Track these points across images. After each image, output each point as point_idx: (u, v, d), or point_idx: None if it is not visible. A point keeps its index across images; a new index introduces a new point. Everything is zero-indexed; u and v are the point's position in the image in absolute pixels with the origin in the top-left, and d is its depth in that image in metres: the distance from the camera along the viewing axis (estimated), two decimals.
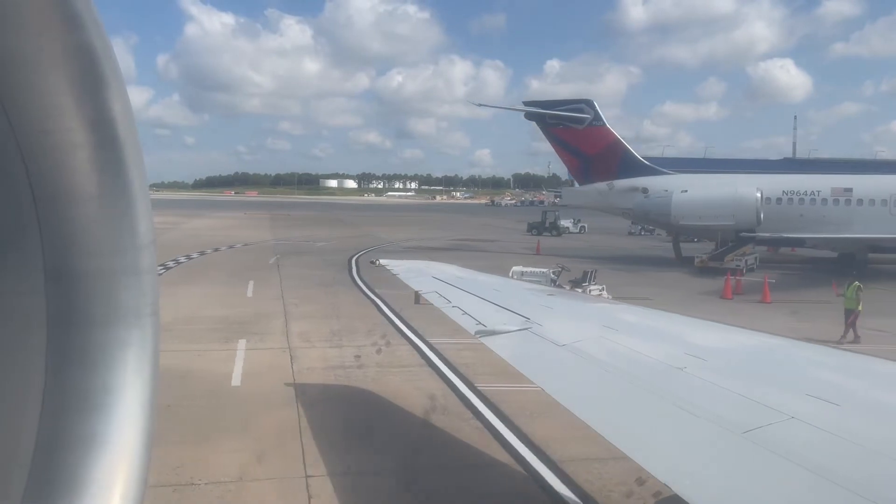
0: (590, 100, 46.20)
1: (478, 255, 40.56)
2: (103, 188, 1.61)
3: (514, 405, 12.17)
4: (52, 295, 1.67)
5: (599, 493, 8.82)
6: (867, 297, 28.34)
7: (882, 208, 36.76)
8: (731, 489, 3.48)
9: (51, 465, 1.65)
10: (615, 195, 44.08)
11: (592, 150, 44.90)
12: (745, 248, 36.58)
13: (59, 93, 1.48)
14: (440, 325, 19.50)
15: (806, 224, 37.72)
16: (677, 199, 40.28)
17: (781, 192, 39.58)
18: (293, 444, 10.37)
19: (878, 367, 5.17)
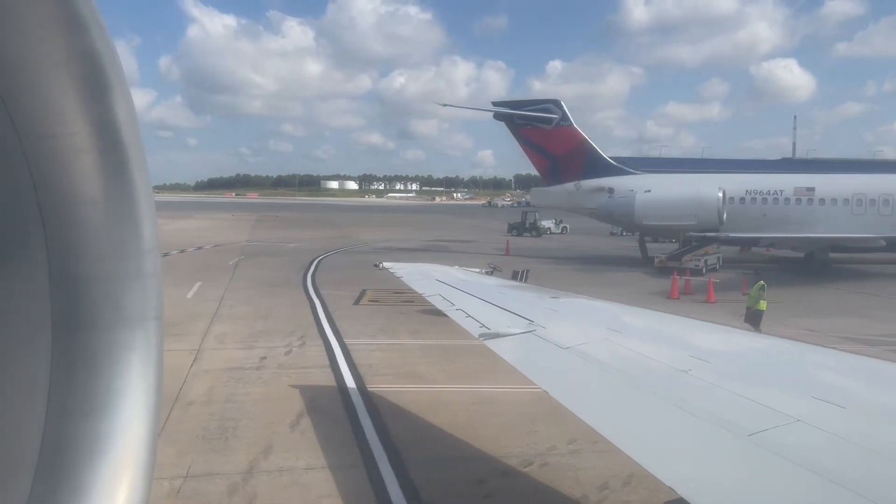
0: (557, 100, 46.24)
1: (445, 256, 40.59)
2: (108, 192, 1.61)
3: (394, 406, 12.27)
4: (56, 298, 1.67)
5: (448, 495, 8.86)
6: (819, 295, 28.34)
7: (844, 208, 36.81)
8: (737, 492, 3.46)
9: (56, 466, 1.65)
10: (582, 195, 44.18)
11: (560, 151, 45.01)
12: (708, 248, 36.62)
13: (64, 97, 1.48)
14: (366, 326, 19.88)
15: (769, 224, 37.83)
16: (640, 199, 40.34)
17: (745, 192, 39.63)
18: None
19: (884, 370, 5.15)
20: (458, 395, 13.25)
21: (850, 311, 24.64)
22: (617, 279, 32.31)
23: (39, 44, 1.40)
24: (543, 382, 5.53)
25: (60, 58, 1.44)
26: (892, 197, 35.61)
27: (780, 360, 5.75)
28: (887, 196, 35.78)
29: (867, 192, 36.46)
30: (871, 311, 24.44)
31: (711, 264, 36.06)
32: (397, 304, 23.79)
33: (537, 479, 9.30)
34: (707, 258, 35.85)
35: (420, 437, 10.76)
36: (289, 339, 17.70)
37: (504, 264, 29.07)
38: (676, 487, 3.37)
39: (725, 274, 34.66)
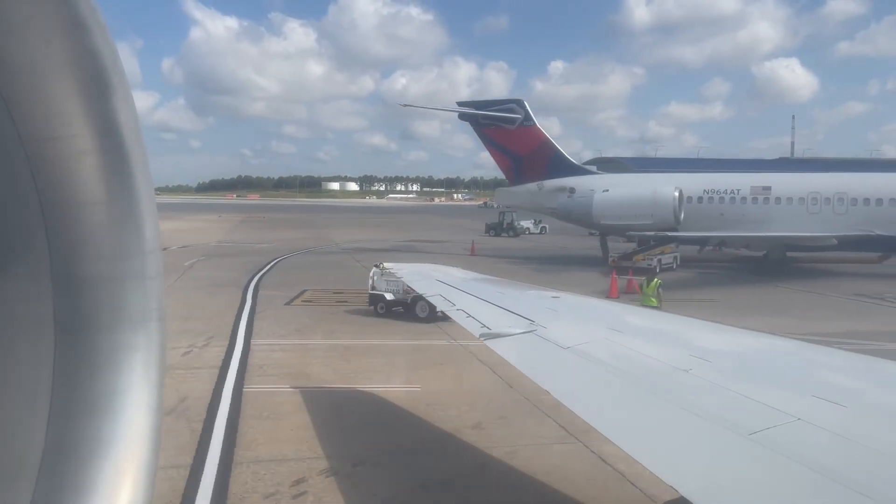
0: (520, 99, 46.26)
1: (410, 256, 40.83)
2: (110, 194, 1.62)
3: (259, 406, 12.22)
4: (59, 300, 1.68)
5: (259, 496, 8.80)
6: (763, 294, 28.27)
7: (799, 206, 36.79)
8: (737, 491, 3.46)
9: (59, 466, 1.65)
10: (544, 195, 44.13)
11: (523, 151, 45.05)
12: (665, 247, 36.60)
13: (66, 99, 1.48)
14: (282, 327, 19.85)
15: (726, 223, 37.80)
16: (598, 199, 40.33)
17: (703, 191, 39.63)
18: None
19: (884, 368, 5.15)
20: (332, 396, 13.21)
21: (784, 310, 24.46)
22: (570, 279, 32.15)
23: (41, 46, 1.41)
24: (544, 382, 5.53)
25: (62, 60, 1.45)
26: (847, 196, 35.57)
27: (780, 359, 5.75)
28: (842, 195, 35.75)
29: (822, 191, 36.42)
30: (808, 311, 24.23)
31: (667, 263, 35.91)
32: (331, 304, 23.83)
33: (352, 480, 9.23)
34: (662, 257, 35.71)
35: (267, 439, 10.65)
36: (196, 340, 17.48)
37: (468, 266, 28.60)
38: (678, 486, 3.38)
39: (682, 273, 34.70)
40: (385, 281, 21.71)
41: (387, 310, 21.47)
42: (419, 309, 20.51)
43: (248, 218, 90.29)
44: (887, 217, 34.14)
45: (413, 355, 16.69)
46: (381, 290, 21.68)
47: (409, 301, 20.85)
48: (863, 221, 34.54)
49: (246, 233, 62.71)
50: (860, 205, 35.23)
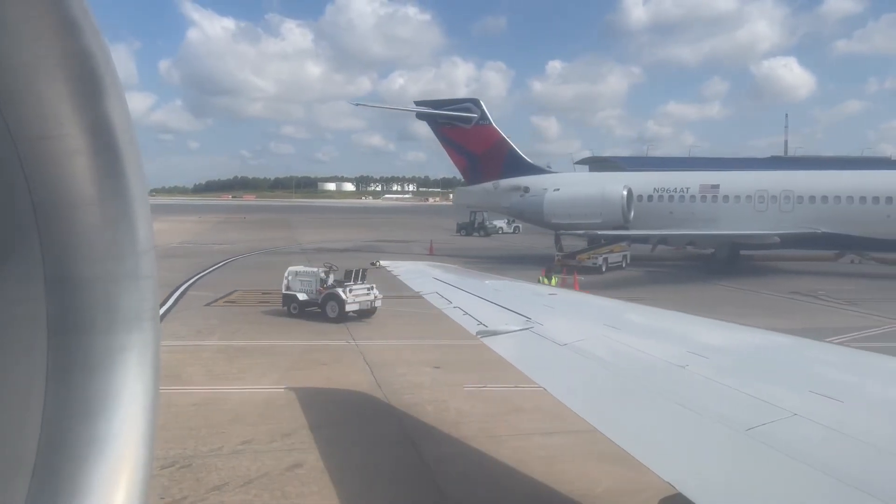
0: (476, 99, 46.47)
1: (364, 255, 40.34)
2: (103, 194, 1.61)
3: None
4: (52, 301, 1.67)
5: None
6: (696, 293, 28.34)
7: (747, 205, 36.84)
8: (734, 487, 3.47)
9: (54, 468, 1.65)
10: (499, 194, 44.24)
11: (480, 150, 45.16)
12: (615, 246, 36.61)
13: (58, 99, 1.48)
14: (189, 327, 19.67)
15: (676, 221, 37.90)
16: (549, 197, 40.43)
17: (653, 190, 39.69)
18: None
19: (880, 364, 5.17)
20: (187, 397, 13.10)
21: (711, 308, 23.97)
22: (515, 277, 31.81)
23: (33, 45, 1.41)
24: (541, 379, 5.54)
25: (54, 59, 1.44)
26: (794, 194, 35.63)
27: (776, 355, 5.76)
28: (788, 193, 35.83)
29: (769, 189, 36.53)
30: (735, 309, 23.93)
31: (615, 262, 35.81)
32: (253, 305, 23.72)
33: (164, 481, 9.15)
34: (609, 256, 35.61)
35: None
36: None
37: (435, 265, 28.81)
38: (674, 483, 3.38)
39: (629, 272, 34.71)
40: (299, 281, 21.66)
41: (300, 310, 21.25)
42: (329, 309, 20.50)
43: (228, 219, 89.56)
44: (832, 215, 34.22)
45: (300, 356, 16.70)
46: (295, 290, 21.51)
47: (319, 301, 20.80)
48: (809, 219, 34.66)
49: (215, 234, 62.02)
50: (806, 203, 35.31)
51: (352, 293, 20.62)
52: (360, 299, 20.73)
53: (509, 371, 14.45)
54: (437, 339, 18.10)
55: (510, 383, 13.49)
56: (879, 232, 33.30)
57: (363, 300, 20.84)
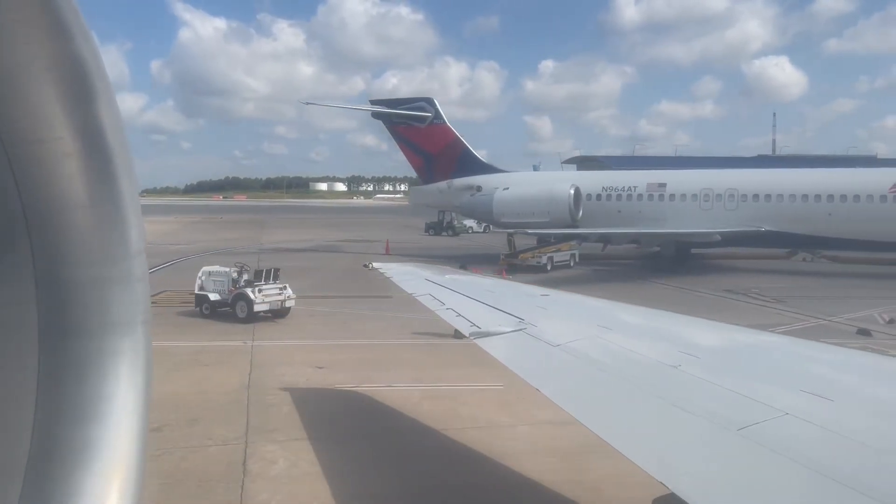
0: (430, 98, 46.36)
1: (317, 256, 41.55)
2: (94, 197, 1.60)
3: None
4: (43, 304, 1.66)
5: None
6: (629, 291, 28.26)
7: (692, 203, 37.00)
8: (727, 486, 3.48)
9: (46, 471, 1.64)
10: (453, 193, 44.19)
11: (434, 149, 45.16)
12: (563, 245, 36.67)
13: (49, 102, 1.47)
14: None
15: (624, 220, 38.04)
16: (498, 197, 40.45)
17: (602, 189, 39.77)
18: None
19: (869, 362, 5.20)
20: None
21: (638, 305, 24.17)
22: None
23: (23, 49, 1.40)
24: (534, 380, 5.55)
25: (45, 63, 1.44)
26: (738, 192, 35.72)
27: (768, 355, 5.79)
28: (733, 191, 35.92)
29: (714, 188, 36.64)
30: (662, 307, 23.66)
31: (562, 261, 35.74)
32: (174, 305, 23.45)
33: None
34: (555, 255, 35.55)
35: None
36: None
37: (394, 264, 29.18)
38: (667, 482, 3.39)
39: (575, 271, 34.70)
40: (212, 281, 21.54)
41: (212, 310, 21.10)
42: (238, 309, 20.41)
43: (204, 220, 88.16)
44: (775, 213, 34.40)
45: (188, 356, 16.55)
46: (208, 290, 21.38)
47: (230, 301, 20.70)
48: (752, 217, 34.78)
49: (181, 235, 61.06)
50: (750, 201, 35.42)
51: (261, 293, 20.54)
52: (269, 299, 20.66)
53: (393, 372, 14.89)
54: (343, 339, 18.35)
55: (383, 383, 13.79)
56: (821, 230, 33.52)
57: (273, 300, 20.75)
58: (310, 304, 22.81)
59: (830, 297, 26.46)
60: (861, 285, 29.90)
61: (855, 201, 33.20)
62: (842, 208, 33.25)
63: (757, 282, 31.00)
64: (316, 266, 35.80)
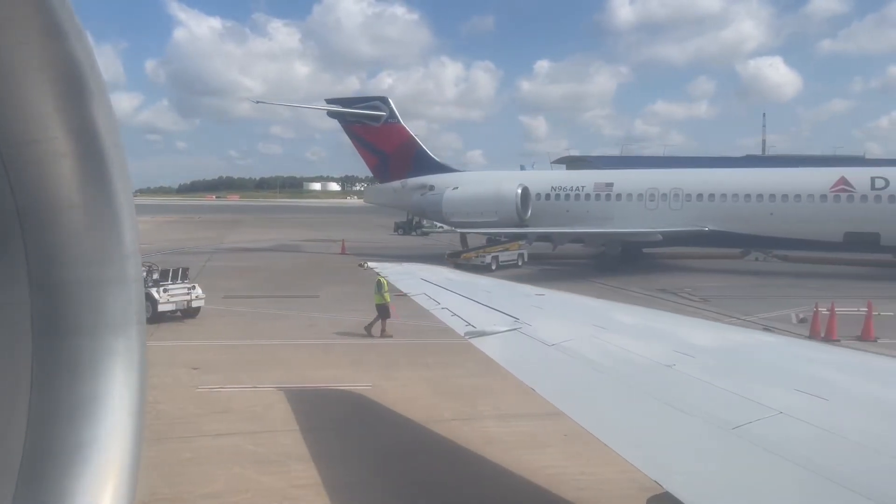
0: (385, 97, 46.35)
1: (277, 255, 41.56)
2: (88, 197, 1.60)
3: None
4: (37, 305, 1.66)
5: None
6: (574, 289, 27.75)
7: (638, 203, 37.13)
8: (721, 485, 3.49)
9: (40, 472, 1.64)
10: (407, 192, 44.17)
11: (389, 148, 45.19)
12: (510, 244, 36.73)
13: (42, 102, 1.47)
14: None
15: (572, 219, 38.11)
16: (448, 196, 40.53)
17: (550, 189, 39.89)
18: None
19: (864, 362, 5.22)
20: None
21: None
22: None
23: (17, 50, 1.39)
24: (529, 379, 5.55)
25: (39, 63, 1.43)
26: (682, 191, 35.85)
27: (763, 354, 5.80)
28: (678, 191, 36.05)
29: (660, 188, 36.77)
30: None
31: (509, 261, 35.64)
32: None
33: None
34: (501, 254, 35.48)
35: None
36: None
37: (336, 264, 31.42)
38: (662, 481, 3.40)
39: (522, 270, 34.56)
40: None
41: None
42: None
43: (180, 219, 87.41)
44: (718, 212, 34.49)
45: None
46: None
47: None
48: (696, 217, 34.88)
49: (147, 235, 59.32)
50: (694, 200, 35.51)
51: (167, 293, 20.47)
52: (175, 299, 20.58)
53: (267, 372, 14.71)
54: (240, 339, 18.24)
55: (249, 384, 13.65)
56: (764, 229, 33.61)
57: (180, 300, 20.69)
58: (231, 304, 22.77)
59: (759, 296, 26.47)
60: (798, 284, 29.93)
61: (796, 201, 33.30)
62: (783, 208, 33.38)
63: (696, 281, 31.03)
64: (261, 266, 35.84)
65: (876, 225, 31.50)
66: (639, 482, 5.57)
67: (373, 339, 18.63)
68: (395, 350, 17.32)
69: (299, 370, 15.05)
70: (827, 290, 26.42)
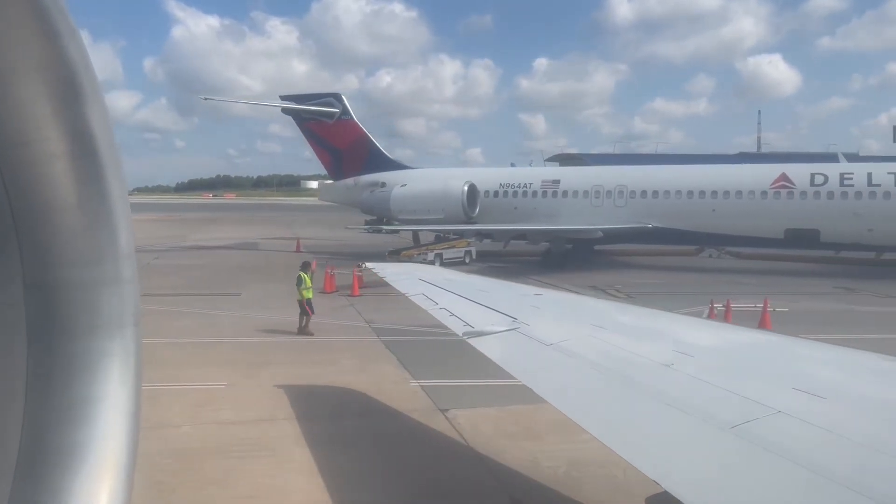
0: (338, 93, 46.11)
1: (227, 253, 41.42)
2: (82, 198, 1.60)
3: None
4: (32, 306, 1.65)
5: None
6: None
7: (584, 200, 37.10)
8: (720, 484, 3.50)
9: (35, 474, 1.63)
10: (359, 190, 43.99)
11: (342, 145, 45.06)
12: (457, 241, 36.58)
13: (36, 103, 1.47)
14: None
15: (520, 216, 38.04)
16: (395, 193, 40.35)
17: (499, 186, 39.82)
18: None
19: (863, 361, 5.22)
20: None
21: None
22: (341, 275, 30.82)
23: (10, 50, 1.39)
24: (527, 379, 5.55)
25: (32, 64, 1.42)
26: (627, 189, 35.87)
27: (762, 353, 5.81)
28: (622, 188, 36.08)
29: (604, 185, 36.80)
30: None
31: (454, 258, 34.99)
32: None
33: None
34: (445, 252, 35.06)
35: None
36: None
37: (282, 262, 31.24)
38: (660, 481, 3.40)
39: (469, 268, 33.77)
40: None
41: None
42: None
43: (160, 218, 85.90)
44: (661, 209, 34.49)
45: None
46: None
47: None
48: (640, 214, 34.83)
49: None
50: (638, 197, 35.50)
51: None
52: None
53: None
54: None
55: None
56: (706, 226, 33.53)
57: None
58: (145, 301, 22.49)
59: (687, 292, 26.28)
60: (735, 281, 29.68)
61: (737, 197, 33.16)
62: (725, 204, 33.24)
63: (633, 278, 30.84)
64: (206, 264, 35.60)
65: (816, 221, 31.35)
66: (637, 481, 5.58)
67: (286, 337, 18.30)
68: (288, 349, 17.02)
69: (166, 370, 14.45)
70: (761, 287, 26.54)
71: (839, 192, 31.09)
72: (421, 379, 13.84)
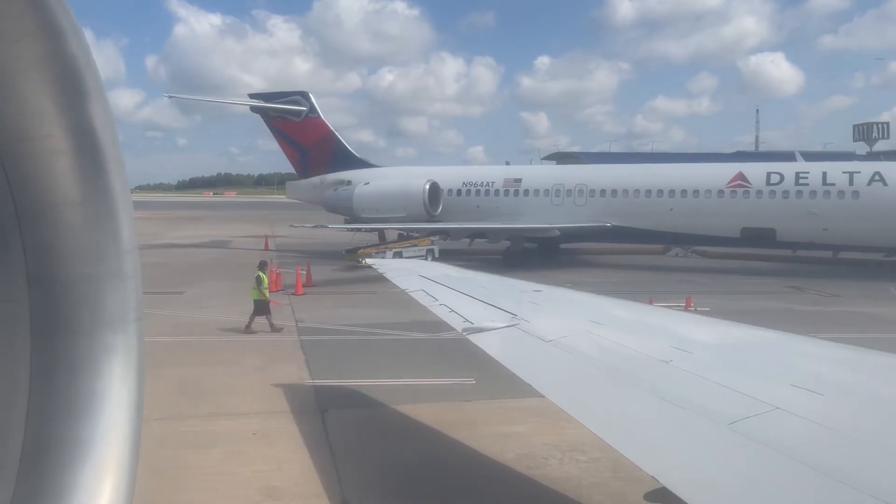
0: (305, 91, 45.79)
1: (195, 252, 41.13)
2: (85, 194, 1.61)
3: None
4: (35, 302, 1.66)
5: None
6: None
7: (545, 199, 36.97)
8: (718, 480, 3.51)
9: (38, 469, 1.64)
10: (325, 188, 43.74)
11: (309, 143, 44.89)
12: (421, 240, 35.89)
13: (39, 99, 1.47)
14: None
15: (483, 215, 37.89)
16: (358, 192, 40.22)
17: (462, 184, 39.71)
18: None
19: (860, 358, 5.23)
20: None
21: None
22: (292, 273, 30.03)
23: (14, 47, 1.40)
24: (526, 375, 5.56)
25: (35, 61, 1.43)
26: (587, 187, 35.83)
27: (760, 350, 5.82)
28: (582, 186, 36.03)
29: (565, 183, 36.77)
30: None
31: (416, 256, 34.06)
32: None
33: None
34: (405, 250, 34.35)
35: None
36: None
37: (242, 261, 30.94)
38: (659, 476, 3.42)
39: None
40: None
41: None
42: None
43: (150, 216, 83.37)
44: (620, 208, 34.46)
45: None
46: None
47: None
48: (600, 213, 34.77)
49: None
50: (597, 196, 35.43)
51: None
52: None
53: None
54: None
55: None
56: (664, 225, 33.42)
57: None
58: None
59: (637, 291, 25.70)
60: (688, 280, 29.46)
61: (694, 196, 33.08)
62: (682, 203, 33.17)
63: (588, 276, 30.64)
64: (168, 262, 35.09)
65: (771, 221, 31.19)
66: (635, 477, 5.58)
67: (208, 337, 17.93)
68: (202, 348, 16.64)
69: None
70: (712, 285, 26.56)
71: (794, 191, 30.97)
72: (318, 379, 13.65)
